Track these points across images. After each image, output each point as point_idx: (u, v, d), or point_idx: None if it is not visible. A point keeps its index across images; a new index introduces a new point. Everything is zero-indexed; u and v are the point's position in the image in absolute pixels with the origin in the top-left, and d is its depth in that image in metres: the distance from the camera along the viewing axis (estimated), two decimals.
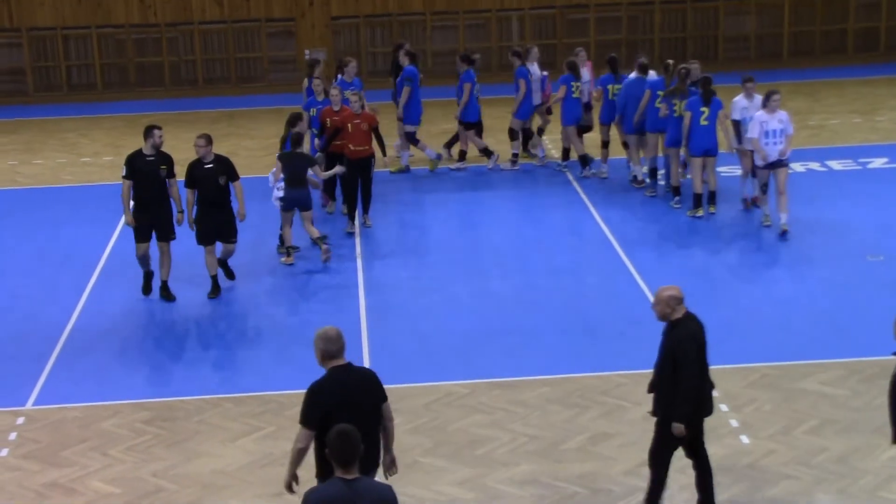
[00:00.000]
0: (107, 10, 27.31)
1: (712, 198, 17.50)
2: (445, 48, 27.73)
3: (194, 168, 14.63)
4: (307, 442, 8.25)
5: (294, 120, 16.41)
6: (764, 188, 16.68)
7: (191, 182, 14.62)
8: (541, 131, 20.96)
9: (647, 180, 18.80)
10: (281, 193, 15.83)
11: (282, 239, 16.21)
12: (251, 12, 27.68)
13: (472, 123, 20.10)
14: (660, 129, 18.15)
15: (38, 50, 27.69)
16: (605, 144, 19.61)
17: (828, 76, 27.49)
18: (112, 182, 20.53)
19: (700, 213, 17.41)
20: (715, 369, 12.40)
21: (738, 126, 17.22)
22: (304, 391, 8.43)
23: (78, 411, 12.03)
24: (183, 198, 14.76)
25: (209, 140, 14.64)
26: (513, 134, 20.27)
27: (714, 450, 10.83)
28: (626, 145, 19.32)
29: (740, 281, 15.08)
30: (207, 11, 27.54)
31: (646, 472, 10.51)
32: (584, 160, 19.64)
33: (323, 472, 8.21)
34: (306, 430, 8.22)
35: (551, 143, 21.53)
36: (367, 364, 12.86)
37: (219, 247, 14.88)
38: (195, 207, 14.68)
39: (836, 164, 19.96)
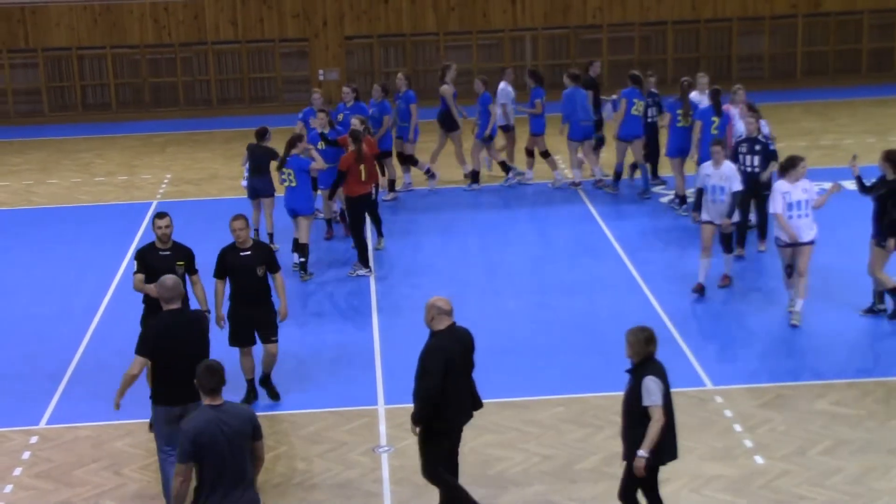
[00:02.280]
0: (122, 30, 27.45)
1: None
2: (458, 68, 27.71)
3: (227, 255, 12.25)
4: (139, 369, 9.91)
5: (294, 141, 16.17)
6: (789, 271, 14.17)
7: (222, 272, 12.25)
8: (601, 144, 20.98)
9: (612, 181, 19.88)
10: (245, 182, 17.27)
11: (295, 243, 16.31)
12: (265, 33, 27.79)
13: (387, 152, 19.57)
14: (633, 136, 19.15)
15: (53, 70, 27.84)
16: (531, 153, 20.59)
17: (841, 96, 27.47)
18: (126, 201, 20.64)
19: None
20: (728, 389, 12.46)
21: (701, 195, 15.16)
22: (316, 410, 8.48)
23: (91, 430, 12.05)
24: (210, 296, 12.28)
25: (248, 223, 12.42)
26: (410, 160, 20.06)
27: (729, 471, 10.81)
28: (545, 154, 20.35)
29: (753, 300, 15.02)
30: (221, 32, 27.66)
31: (660, 491, 10.48)
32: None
33: (156, 395, 10.05)
34: (139, 357, 9.91)
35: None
36: (379, 383, 12.87)
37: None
38: (227, 303, 12.41)
39: (849, 184, 19.85)
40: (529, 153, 20.58)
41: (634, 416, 9.07)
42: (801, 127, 24.33)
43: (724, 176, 14.83)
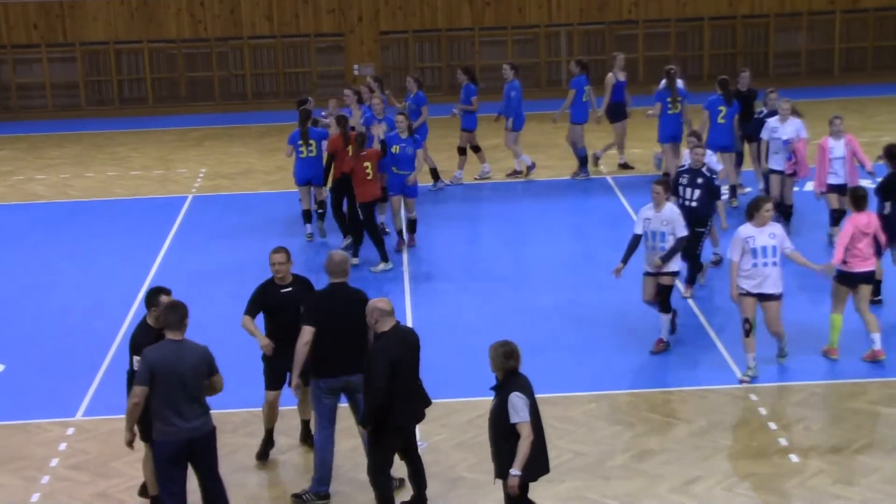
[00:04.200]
0: (158, 24, 27.60)
1: (733, 191, 18.43)
2: (494, 63, 27.76)
3: (267, 292, 10.96)
4: (310, 337, 10.22)
5: (309, 114, 17.47)
6: (747, 327, 12.51)
7: (257, 309, 11.00)
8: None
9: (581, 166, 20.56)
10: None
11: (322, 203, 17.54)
12: (300, 27, 27.86)
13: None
14: (583, 121, 20.16)
15: (90, 64, 28.02)
16: (463, 151, 20.47)
17: (879, 93, 27.23)
18: (163, 195, 20.76)
19: (735, 203, 18.12)
20: (763, 387, 12.40)
21: (636, 243, 13.42)
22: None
23: None
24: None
25: (289, 256, 11.09)
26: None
27: (762, 469, 10.76)
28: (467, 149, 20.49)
29: (788, 298, 14.88)
30: (257, 26, 27.76)
31: (693, 491, 10.46)
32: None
33: (317, 367, 10.30)
34: (308, 327, 10.26)
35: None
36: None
37: None
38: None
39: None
40: (462, 151, 20.50)
41: (502, 434, 8.92)
42: None
43: (666, 220, 13.10)
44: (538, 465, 9.09)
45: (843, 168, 15.96)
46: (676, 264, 13.34)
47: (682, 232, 13.12)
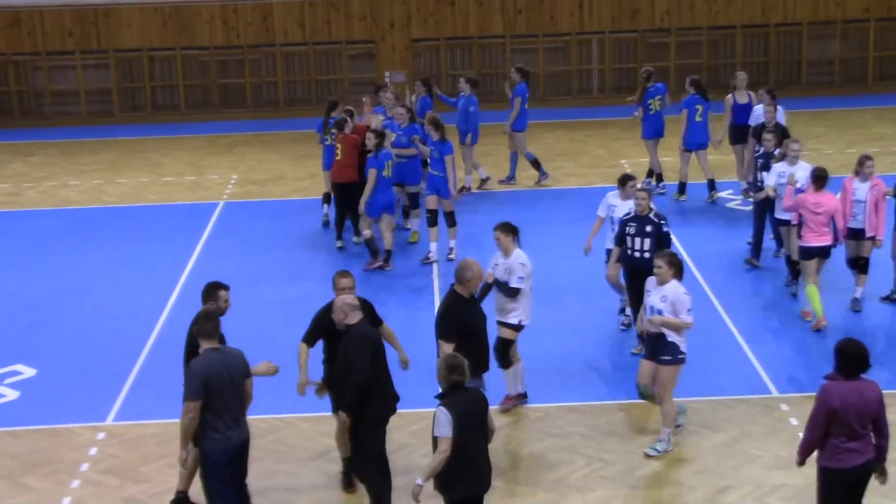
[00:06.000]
0: (191, 32, 27.74)
1: (712, 185, 19.25)
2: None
3: (328, 319, 10.35)
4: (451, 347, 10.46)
5: (334, 105, 18.47)
6: (639, 392, 11.47)
7: (317, 337, 10.61)
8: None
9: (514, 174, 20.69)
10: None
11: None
12: (332, 35, 27.93)
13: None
14: (523, 129, 20.16)
15: (124, 71, 28.19)
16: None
17: None
18: (193, 201, 20.84)
19: (684, 198, 19.19)
20: (794, 397, 12.32)
21: (488, 289, 11.97)
22: None
23: (157, 428, 12.18)
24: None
25: (355, 280, 10.69)
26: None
27: (794, 480, 10.70)
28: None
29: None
30: (289, 34, 27.85)
31: (723, 501, 10.40)
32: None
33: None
34: (447, 342, 10.72)
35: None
36: None
37: None
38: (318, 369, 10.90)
39: None
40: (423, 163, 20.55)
41: (433, 444, 8.85)
42: (872, 133, 24.02)
43: (509, 268, 11.75)
44: (465, 482, 8.86)
45: (864, 213, 14.22)
46: (516, 316, 11.92)
47: (515, 284, 11.73)
